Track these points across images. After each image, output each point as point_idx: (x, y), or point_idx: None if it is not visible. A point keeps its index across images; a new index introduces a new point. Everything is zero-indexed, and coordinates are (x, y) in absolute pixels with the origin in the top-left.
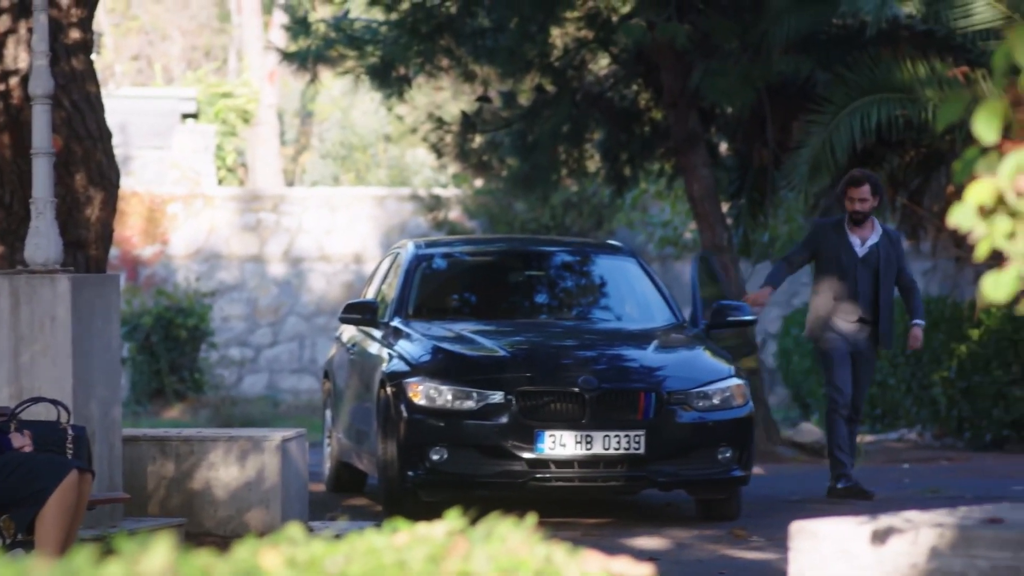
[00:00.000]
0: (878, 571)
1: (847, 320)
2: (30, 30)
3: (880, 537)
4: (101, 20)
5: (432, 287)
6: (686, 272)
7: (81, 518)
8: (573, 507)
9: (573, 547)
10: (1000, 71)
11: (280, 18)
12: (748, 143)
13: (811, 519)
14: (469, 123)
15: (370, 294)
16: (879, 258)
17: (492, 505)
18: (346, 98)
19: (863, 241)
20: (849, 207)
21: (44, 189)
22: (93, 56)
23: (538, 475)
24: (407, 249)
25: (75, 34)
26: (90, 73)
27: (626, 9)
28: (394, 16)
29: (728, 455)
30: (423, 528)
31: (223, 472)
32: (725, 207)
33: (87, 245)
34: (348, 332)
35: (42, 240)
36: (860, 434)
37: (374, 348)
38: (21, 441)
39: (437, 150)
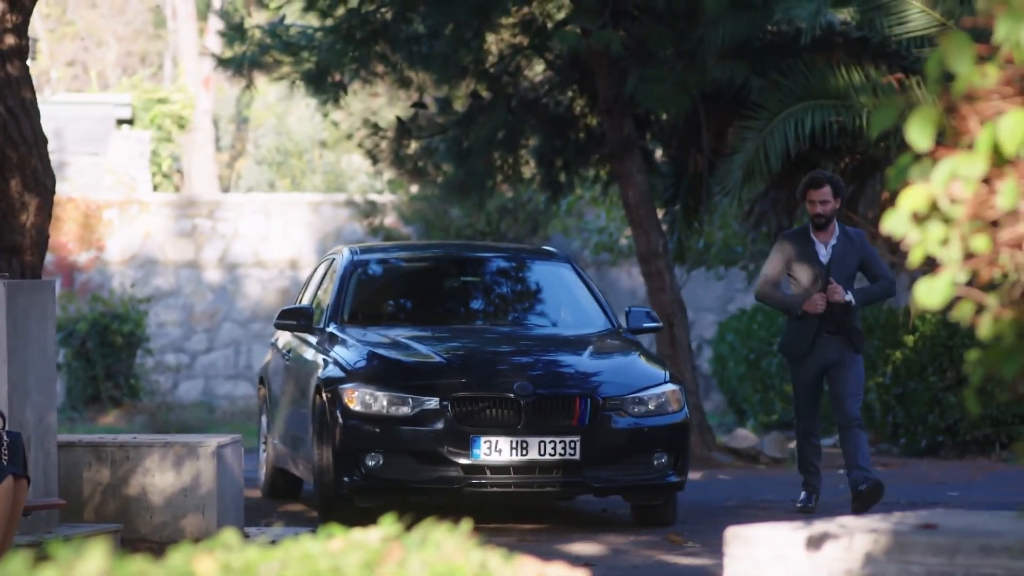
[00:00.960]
0: None
1: (812, 333)
2: None
3: (815, 543)
4: (36, 25)
5: (367, 293)
6: (621, 278)
7: (16, 524)
8: (509, 513)
9: (508, 553)
10: (934, 78)
11: (215, 24)
12: (683, 150)
13: (746, 525)
14: (404, 129)
15: (305, 300)
16: (842, 260)
17: (427, 511)
18: (281, 104)
19: (827, 246)
20: (810, 210)
21: None
22: (28, 62)
23: (474, 481)
24: (342, 255)
25: (10, 39)
26: (25, 79)
27: (561, 16)
28: (329, 22)
29: (664, 461)
30: (358, 534)
31: (159, 478)
32: (660, 213)
33: (22, 251)
34: (284, 338)
35: None
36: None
37: (309, 354)
38: None
39: (372, 156)
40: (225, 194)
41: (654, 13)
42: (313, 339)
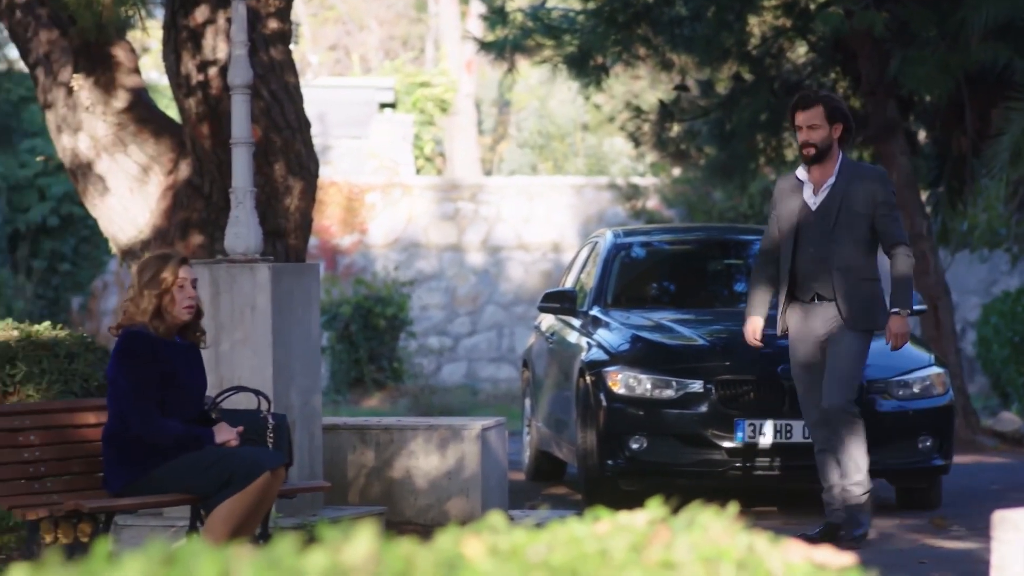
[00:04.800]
0: None
1: (803, 300)
2: (228, 20)
3: None
4: (299, 10)
5: (630, 276)
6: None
7: (263, 512)
8: (774, 496)
9: (775, 536)
10: None
11: (477, 7)
12: (947, 131)
13: (1014, 508)
14: (667, 112)
15: (569, 283)
16: (836, 207)
17: (692, 494)
18: (544, 87)
19: (817, 187)
20: (798, 139)
21: (243, 179)
22: (291, 46)
23: (738, 464)
24: (605, 238)
25: (273, 24)
26: (288, 63)
27: None
28: (591, 5)
29: (928, 444)
30: (625, 517)
31: (423, 461)
32: (924, 196)
33: (286, 234)
34: (547, 321)
35: (242, 229)
36: None
37: (573, 337)
38: (226, 436)
39: (635, 139)
40: (487, 177)
41: None
42: (576, 322)
